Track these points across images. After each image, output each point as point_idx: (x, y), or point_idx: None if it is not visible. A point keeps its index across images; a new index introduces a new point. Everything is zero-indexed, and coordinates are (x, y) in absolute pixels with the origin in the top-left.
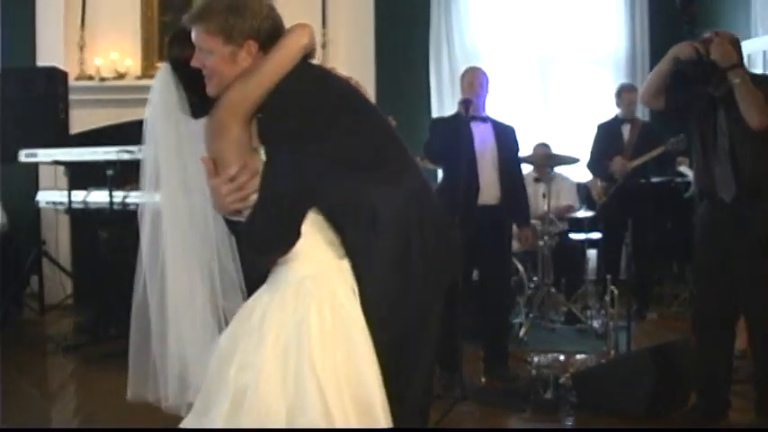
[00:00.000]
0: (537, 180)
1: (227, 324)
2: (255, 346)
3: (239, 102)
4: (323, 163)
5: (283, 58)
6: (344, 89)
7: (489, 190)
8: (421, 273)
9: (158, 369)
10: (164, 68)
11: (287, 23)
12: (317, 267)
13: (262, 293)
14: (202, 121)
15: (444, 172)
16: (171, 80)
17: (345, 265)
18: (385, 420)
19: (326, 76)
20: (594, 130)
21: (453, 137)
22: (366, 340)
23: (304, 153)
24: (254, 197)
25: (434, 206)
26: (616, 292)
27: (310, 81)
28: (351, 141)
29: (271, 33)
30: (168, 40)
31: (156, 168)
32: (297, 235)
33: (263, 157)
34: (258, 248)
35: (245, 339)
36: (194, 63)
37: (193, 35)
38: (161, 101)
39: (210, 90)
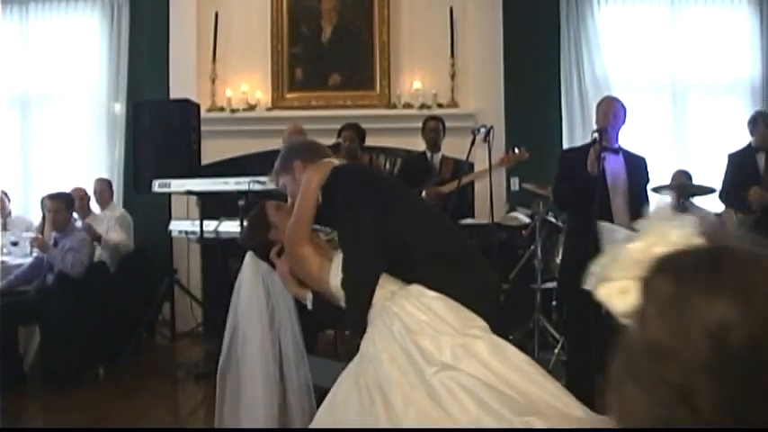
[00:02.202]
0: (673, 208)
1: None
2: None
3: (296, 233)
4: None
5: (305, 200)
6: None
7: (620, 223)
8: None
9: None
10: (249, 255)
11: (416, 54)
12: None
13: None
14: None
15: (574, 206)
16: (255, 259)
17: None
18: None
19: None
20: (726, 160)
21: (585, 169)
22: None
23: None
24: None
25: None
26: None
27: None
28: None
29: (307, 148)
30: (240, 240)
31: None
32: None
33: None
34: (365, 282)
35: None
36: (290, 205)
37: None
38: (255, 277)
39: (290, 202)
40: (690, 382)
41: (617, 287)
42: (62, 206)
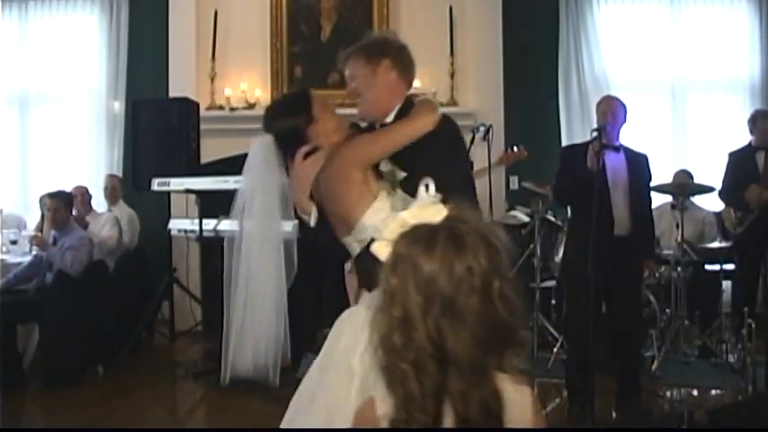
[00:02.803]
0: (673, 207)
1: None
2: None
3: (364, 155)
4: None
5: (409, 134)
6: None
7: (621, 221)
8: None
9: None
10: (265, 141)
11: (415, 52)
12: None
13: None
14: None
15: (575, 202)
16: (272, 150)
17: None
18: None
19: None
20: (726, 159)
21: (585, 165)
22: None
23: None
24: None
25: None
26: (753, 325)
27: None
28: None
29: (407, 63)
30: (267, 116)
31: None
32: None
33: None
34: None
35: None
36: (348, 92)
37: (345, 71)
38: (263, 169)
39: (360, 109)
40: (407, 317)
41: (384, 243)
42: (61, 205)
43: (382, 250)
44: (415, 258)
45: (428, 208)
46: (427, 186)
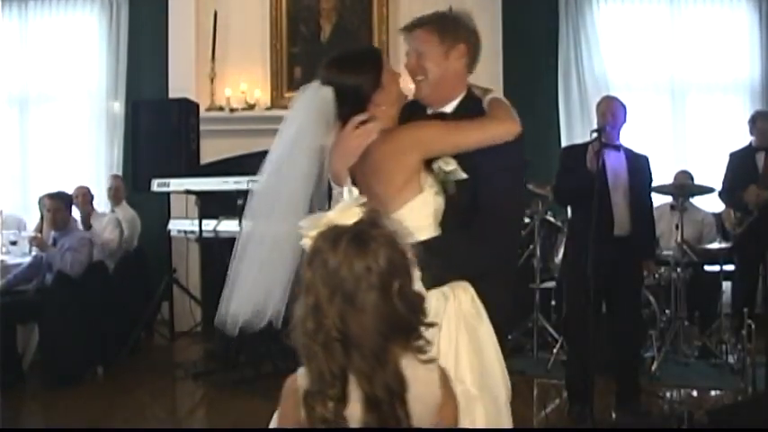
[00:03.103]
0: (672, 207)
1: None
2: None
3: (431, 142)
4: None
5: (487, 138)
6: None
7: (621, 221)
8: None
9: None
10: (323, 92)
11: None
12: None
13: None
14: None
15: (575, 203)
16: (330, 105)
17: None
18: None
19: None
20: (727, 159)
21: (585, 166)
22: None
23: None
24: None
25: None
26: (753, 325)
27: None
28: None
29: (478, 52)
30: (330, 66)
31: (276, 196)
32: None
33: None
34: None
35: None
36: (409, 67)
37: (410, 40)
38: (310, 125)
39: (421, 92)
40: (317, 305)
41: (308, 239)
42: (61, 205)
43: (307, 245)
44: (323, 254)
45: (347, 210)
46: (351, 189)
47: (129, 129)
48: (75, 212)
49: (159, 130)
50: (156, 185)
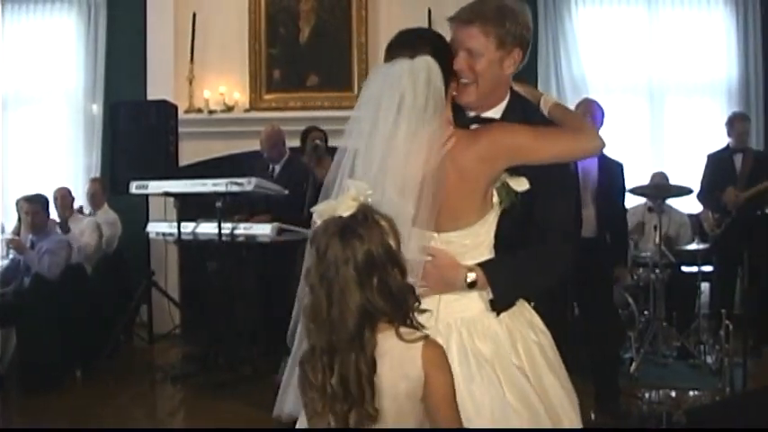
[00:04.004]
0: (650, 210)
1: None
2: None
3: (521, 151)
4: None
5: (574, 153)
6: None
7: (588, 223)
8: None
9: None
10: (418, 62)
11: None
12: None
13: None
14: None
15: None
16: (437, 74)
17: None
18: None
19: None
20: (704, 161)
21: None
22: None
23: None
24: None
25: None
26: (731, 326)
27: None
28: None
29: (527, 55)
30: (420, 36)
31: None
32: None
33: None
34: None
35: None
36: (459, 66)
37: (463, 35)
38: (417, 100)
39: (469, 97)
40: (312, 285)
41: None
42: (39, 208)
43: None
44: (317, 240)
45: (345, 202)
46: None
47: (107, 131)
48: (55, 214)
49: (138, 132)
50: (135, 187)
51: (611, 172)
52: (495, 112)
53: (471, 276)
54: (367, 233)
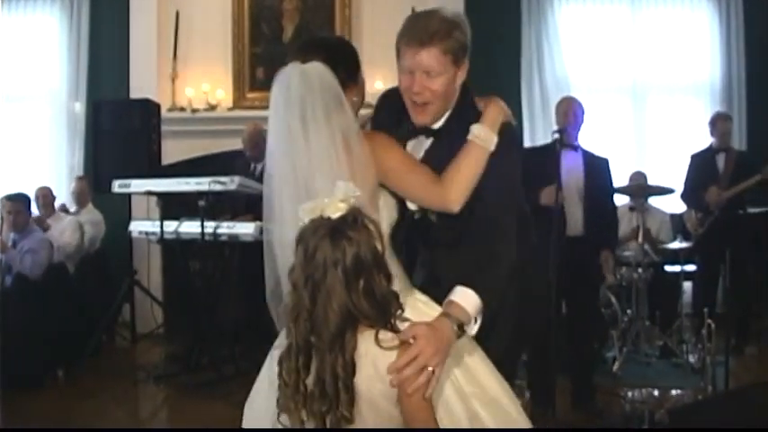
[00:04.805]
0: (631, 209)
1: None
2: None
3: (386, 170)
4: None
5: (425, 200)
6: None
7: (574, 221)
8: None
9: None
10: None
11: (377, 53)
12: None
13: None
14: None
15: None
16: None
17: None
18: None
19: None
20: (688, 161)
21: (543, 167)
22: None
23: None
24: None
25: None
26: (713, 325)
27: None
28: None
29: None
30: (313, 44)
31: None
32: None
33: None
34: None
35: None
36: (417, 88)
37: (420, 57)
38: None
39: (425, 117)
40: (295, 285)
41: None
42: (21, 207)
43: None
44: (305, 241)
45: (335, 203)
46: (348, 183)
47: (90, 129)
48: (36, 213)
49: (120, 131)
50: (117, 186)
51: (598, 169)
52: (440, 123)
53: (456, 320)
54: (356, 236)
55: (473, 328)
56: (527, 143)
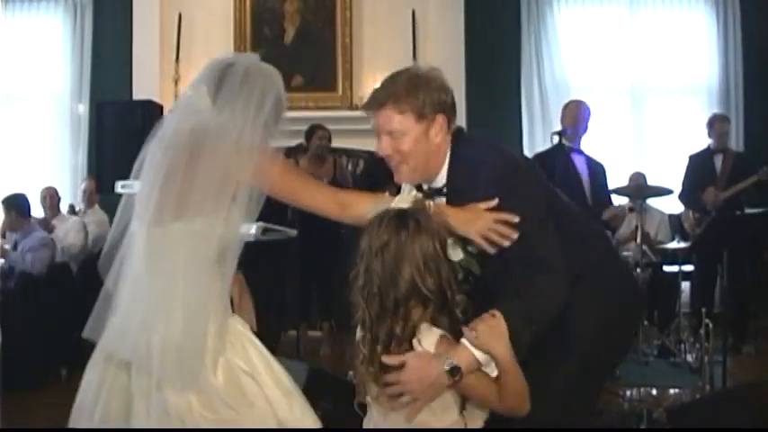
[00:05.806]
0: (631, 210)
1: None
2: None
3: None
4: None
5: (308, 207)
6: None
7: None
8: None
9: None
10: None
11: (377, 56)
12: None
13: None
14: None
15: None
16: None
17: None
18: None
19: None
20: (686, 162)
21: (552, 172)
22: None
23: None
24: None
25: None
26: (711, 325)
27: None
28: None
29: (454, 108)
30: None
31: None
32: None
33: None
34: None
35: None
36: (385, 151)
37: (381, 119)
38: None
39: (404, 176)
40: (368, 266)
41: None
42: (19, 208)
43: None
44: (384, 225)
45: (406, 199)
46: (412, 188)
47: (93, 130)
48: (41, 214)
49: (123, 132)
50: (120, 187)
51: (598, 173)
52: (440, 180)
53: (449, 362)
54: (429, 225)
55: (492, 369)
56: (526, 143)
